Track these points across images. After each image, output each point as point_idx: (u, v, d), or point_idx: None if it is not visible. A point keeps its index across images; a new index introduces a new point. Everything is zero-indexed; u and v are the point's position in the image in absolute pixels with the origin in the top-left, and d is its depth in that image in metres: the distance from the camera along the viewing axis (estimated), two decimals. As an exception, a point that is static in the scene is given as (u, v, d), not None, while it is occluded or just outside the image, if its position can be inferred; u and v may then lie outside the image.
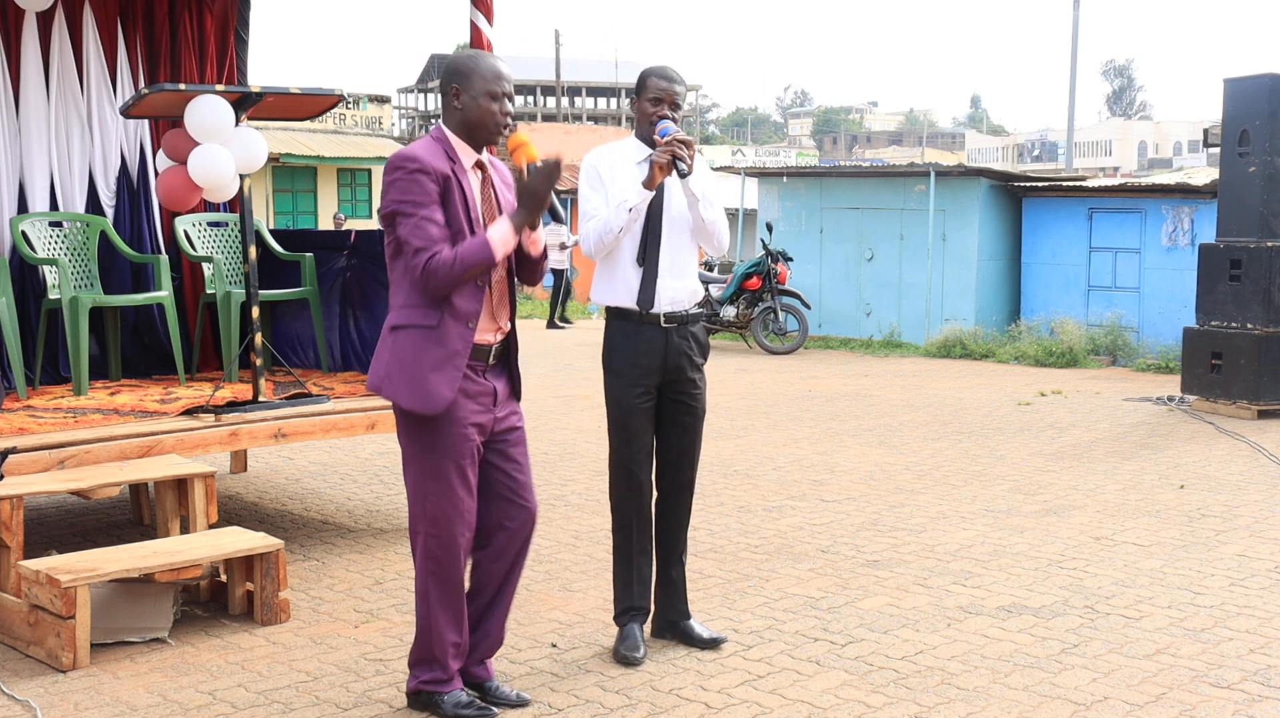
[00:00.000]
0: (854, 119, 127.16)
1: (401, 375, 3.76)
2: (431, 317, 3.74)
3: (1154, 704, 4.08)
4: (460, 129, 3.81)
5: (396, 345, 3.79)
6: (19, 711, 4.03)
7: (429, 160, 3.71)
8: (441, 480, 3.81)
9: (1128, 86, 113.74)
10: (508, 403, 3.98)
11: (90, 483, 5.01)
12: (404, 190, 3.68)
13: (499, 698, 4.04)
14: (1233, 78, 10.39)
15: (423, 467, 3.84)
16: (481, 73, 3.77)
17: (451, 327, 3.75)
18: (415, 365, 3.74)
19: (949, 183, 15.56)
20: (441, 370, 3.74)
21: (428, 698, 3.95)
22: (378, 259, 7.03)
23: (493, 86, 3.75)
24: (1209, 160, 35.91)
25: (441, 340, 3.74)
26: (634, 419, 4.44)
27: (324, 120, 30.60)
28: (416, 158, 3.70)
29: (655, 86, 4.39)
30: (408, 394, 3.76)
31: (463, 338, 3.77)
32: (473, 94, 3.76)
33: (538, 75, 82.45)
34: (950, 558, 5.83)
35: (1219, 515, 6.68)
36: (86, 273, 6.88)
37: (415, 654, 3.98)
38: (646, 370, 4.43)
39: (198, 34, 7.40)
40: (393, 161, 3.74)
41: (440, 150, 3.76)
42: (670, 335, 4.44)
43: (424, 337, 3.75)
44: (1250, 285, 10.01)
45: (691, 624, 4.65)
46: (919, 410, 10.43)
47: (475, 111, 3.77)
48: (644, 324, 4.42)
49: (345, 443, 8.83)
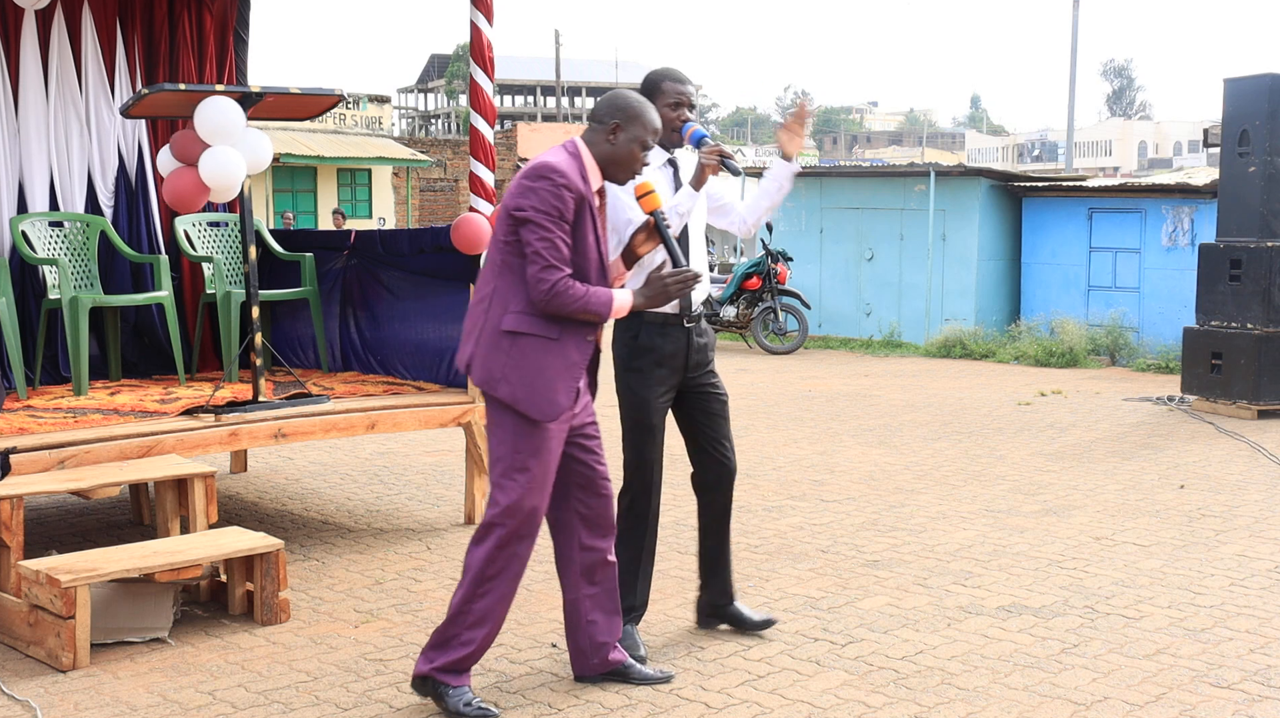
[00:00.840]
0: (854, 119, 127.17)
1: (520, 381, 3.88)
2: (553, 329, 3.89)
3: (1154, 704, 4.08)
4: (602, 159, 3.99)
5: (516, 351, 3.89)
6: (19, 711, 4.03)
7: (574, 179, 3.86)
8: (524, 474, 3.91)
9: (1127, 86, 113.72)
10: (585, 397, 4.11)
11: (90, 483, 5.01)
12: (546, 202, 3.81)
13: (641, 678, 4.18)
14: (1233, 78, 10.39)
15: (512, 463, 3.92)
16: (645, 122, 3.98)
17: (572, 339, 3.92)
18: (537, 374, 3.88)
19: (949, 183, 15.56)
20: (561, 380, 3.90)
21: (434, 686, 3.97)
22: (378, 259, 7.04)
23: (648, 139, 3.98)
24: (1209, 160, 35.91)
25: (563, 352, 3.90)
26: (656, 418, 4.50)
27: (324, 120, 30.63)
28: (564, 173, 3.85)
29: (672, 90, 4.47)
30: (526, 400, 3.88)
31: (581, 350, 3.94)
32: (630, 137, 3.96)
33: (538, 75, 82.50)
34: (950, 558, 5.83)
35: (1219, 515, 6.68)
36: (86, 273, 6.89)
37: (438, 637, 4.00)
38: (672, 370, 4.50)
39: (197, 34, 7.40)
40: (539, 169, 3.86)
41: (578, 169, 3.91)
42: (690, 334, 4.52)
43: (545, 347, 3.89)
44: (1250, 285, 10.01)
45: (739, 608, 4.74)
46: (919, 410, 10.44)
47: (625, 154, 3.97)
48: (668, 325, 4.48)
49: (345, 443, 8.83)
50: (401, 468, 8.05)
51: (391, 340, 7.00)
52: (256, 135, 5.81)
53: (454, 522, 6.58)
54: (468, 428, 6.30)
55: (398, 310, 6.95)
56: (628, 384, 4.49)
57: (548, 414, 3.88)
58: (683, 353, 4.49)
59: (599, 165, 3.98)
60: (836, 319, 16.63)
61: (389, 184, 32.33)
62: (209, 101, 5.62)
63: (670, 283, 4.00)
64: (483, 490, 6.48)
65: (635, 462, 4.53)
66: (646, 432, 4.48)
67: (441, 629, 4.00)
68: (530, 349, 3.88)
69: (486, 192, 6.11)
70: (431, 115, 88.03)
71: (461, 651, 3.96)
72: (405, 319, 6.91)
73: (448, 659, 3.96)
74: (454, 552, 5.96)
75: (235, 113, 5.64)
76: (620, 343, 4.51)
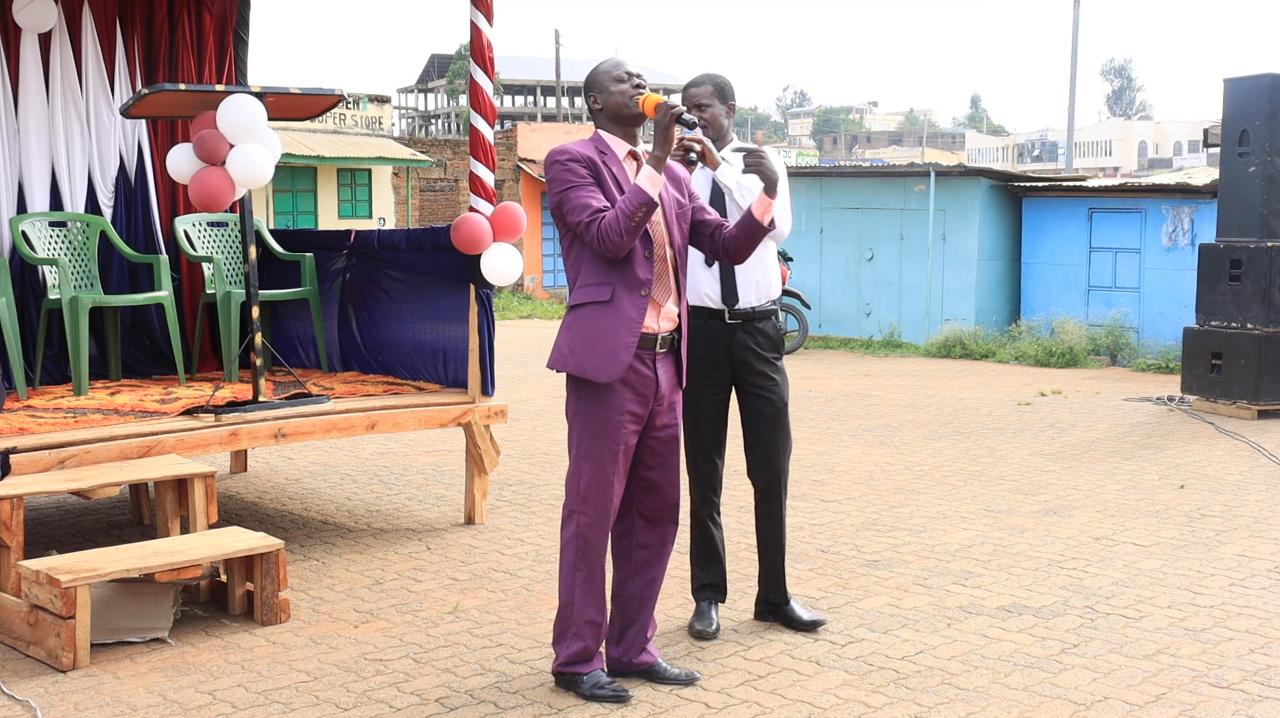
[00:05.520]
0: (854, 119, 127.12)
1: (582, 347, 3.99)
2: (604, 291, 3.97)
3: (1154, 704, 4.08)
4: (608, 123, 4.11)
5: (575, 323, 4.03)
6: (19, 711, 4.03)
7: (577, 150, 4.03)
8: (593, 461, 4.03)
9: (1127, 86, 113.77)
10: (670, 397, 4.16)
11: (90, 483, 5.01)
12: (561, 178, 3.99)
13: (667, 678, 4.22)
14: (1233, 78, 10.39)
15: (580, 446, 4.06)
16: (604, 69, 4.10)
17: (625, 296, 3.97)
18: (597, 337, 3.97)
19: (949, 183, 15.55)
20: (619, 337, 3.96)
21: (570, 679, 4.13)
22: (378, 259, 7.04)
23: (616, 73, 4.07)
24: (1209, 160, 35.91)
25: (618, 312, 3.97)
26: (699, 407, 4.68)
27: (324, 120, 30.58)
28: (565, 149, 4.05)
29: (682, 99, 4.66)
30: (590, 364, 3.97)
31: (637, 306, 3.98)
32: (604, 89, 4.08)
33: (538, 75, 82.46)
34: (950, 558, 5.83)
35: (1219, 515, 6.68)
36: (86, 273, 6.89)
37: (557, 630, 4.16)
38: (712, 363, 4.66)
39: (197, 34, 7.40)
40: (548, 159, 4.06)
41: (591, 146, 4.08)
42: (735, 331, 4.65)
43: (599, 311, 3.98)
44: (1250, 285, 10.01)
45: (793, 608, 4.84)
46: (919, 410, 10.43)
47: (610, 101, 4.07)
48: (710, 319, 4.65)
49: (345, 443, 8.83)
50: (401, 468, 8.05)
51: (391, 340, 7.00)
52: (272, 133, 5.82)
53: (454, 522, 6.58)
54: (468, 428, 6.30)
55: (398, 310, 6.95)
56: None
57: (607, 373, 3.95)
58: (724, 348, 4.65)
59: (613, 130, 4.10)
60: (836, 319, 16.63)
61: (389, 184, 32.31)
62: (232, 100, 5.60)
63: (661, 119, 3.97)
64: (483, 490, 6.48)
65: (686, 448, 4.74)
66: (691, 420, 4.68)
67: (555, 621, 4.17)
68: (587, 316, 4.00)
69: (486, 192, 6.11)
70: (431, 115, 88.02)
71: (576, 643, 4.11)
72: (405, 319, 6.91)
73: (570, 653, 4.12)
74: (454, 552, 5.96)
75: (258, 110, 5.63)
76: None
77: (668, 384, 4.14)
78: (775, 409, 4.72)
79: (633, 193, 3.88)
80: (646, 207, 3.87)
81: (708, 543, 4.82)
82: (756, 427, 4.74)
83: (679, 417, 4.24)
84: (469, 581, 5.47)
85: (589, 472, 4.03)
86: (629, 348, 3.95)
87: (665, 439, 4.18)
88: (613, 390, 3.99)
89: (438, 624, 4.88)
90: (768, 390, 4.71)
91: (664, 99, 3.99)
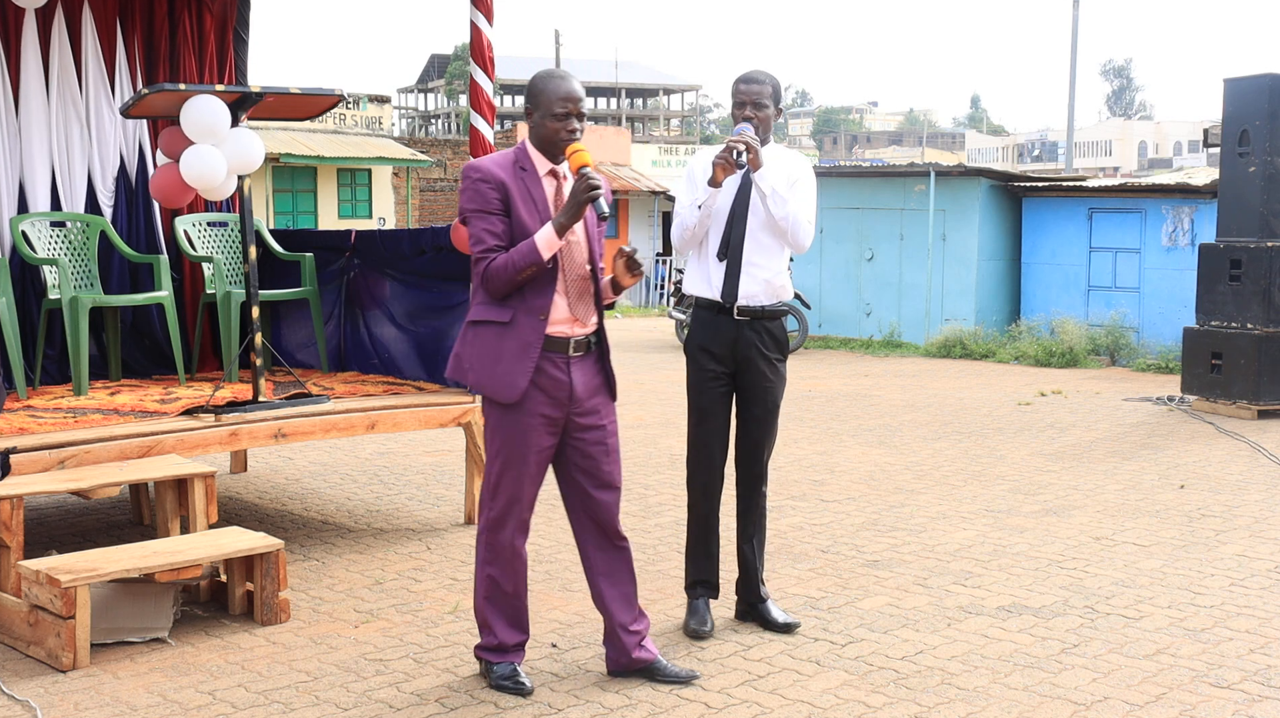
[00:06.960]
0: (854, 119, 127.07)
1: (482, 366, 4.07)
2: (505, 313, 4.04)
3: (1154, 704, 4.08)
4: (536, 143, 4.13)
5: (476, 339, 4.09)
6: (19, 711, 4.03)
7: (490, 169, 4.05)
8: (503, 460, 4.09)
9: (1127, 86, 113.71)
10: (590, 401, 4.17)
11: (90, 483, 5.01)
12: (469, 199, 4.04)
13: (667, 676, 4.23)
14: (1233, 78, 10.39)
15: (491, 446, 4.14)
16: (549, 94, 4.07)
17: (524, 320, 4.04)
18: (494, 357, 4.05)
19: (949, 183, 15.56)
20: (518, 361, 4.03)
21: (484, 666, 4.25)
22: (378, 259, 7.04)
23: (557, 109, 4.05)
24: (1209, 160, 35.88)
25: (516, 334, 4.04)
26: (704, 400, 4.71)
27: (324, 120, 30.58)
28: (479, 167, 4.07)
29: (736, 91, 4.69)
30: (488, 383, 4.06)
31: (535, 330, 4.04)
32: (541, 114, 4.07)
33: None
34: (950, 558, 5.83)
35: (1219, 515, 6.68)
36: (87, 273, 6.89)
37: (477, 620, 4.26)
38: (717, 358, 4.69)
39: (197, 34, 7.40)
40: (464, 170, 4.11)
41: (511, 159, 4.09)
42: (742, 328, 4.66)
43: (500, 332, 4.05)
44: (1250, 285, 10.01)
45: (768, 607, 4.85)
46: (919, 410, 10.43)
47: (543, 129, 4.08)
48: (719, 314, 4.67)
49: (345, 443, 8.83)
50: (401, 468, 8.05)
51: (391, 340, 7.00)
52: (246, 135, 5.81)
53: (454, 522, 6.58)
54: (468, 428, 6.30)
55: (398, 310, 6.95)
56: (687, 367, 4.76)
57: (507, 395, 4.02)
58: (730, 343, 4.67)
59: (539, 149, 4.12)
60: (836, 319, 16.63)
61: (389, 184, 32.31)
62: (195, 100, 5.63)
63: (577, 190, 3.99)
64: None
65: (689, 439, 4.78)
66: (697, 412, 4.73)
67: (474, 614, 4.27)
68: (487, 335, 4.06)
69: (486, 192, 6.10)
70: (431, 115, 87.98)
71: (490, 637, 4.20)
72: (405, 319, 6.91)
73: (485, 642, 4.23)
74: (454, 552, 5.96)
75: (221, 111, 5.64)
76: (688, 329, 4.79)
77: (585, 388, 4.15)
78: (766, 410, 4.74)
79: (528, 249, 3.94)
80: (536, 267, 3.96)
81: (705, 540, 4.81)
82: (745, 424, 4.77)
83: (609, 425, 4.22)
84: (469, 581, 5.47)
85: (498, 471, 4.10)
86: (526, 373, 4.02)
87: (591, 442, 4.17)
88: (526, 395, 4.04)
89: (438, 624, 4.88)
90: (763, 391, 4.72)
91: (588, 167, 4.01)
